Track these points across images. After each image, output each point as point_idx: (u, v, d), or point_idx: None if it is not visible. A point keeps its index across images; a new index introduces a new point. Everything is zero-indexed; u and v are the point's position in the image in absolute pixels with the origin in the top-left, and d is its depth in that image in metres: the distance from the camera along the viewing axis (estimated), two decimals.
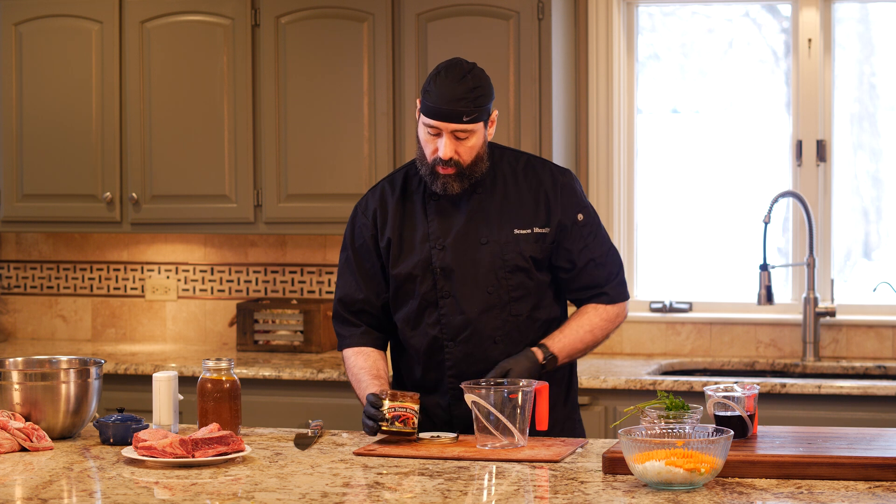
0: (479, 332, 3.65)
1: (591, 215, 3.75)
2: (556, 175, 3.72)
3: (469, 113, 3.54)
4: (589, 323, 3.71)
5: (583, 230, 3.70)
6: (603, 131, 5.40)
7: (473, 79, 3.57)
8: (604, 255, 3.73)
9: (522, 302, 3.67)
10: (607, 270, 3.73)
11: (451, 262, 3.65)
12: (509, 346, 3.66)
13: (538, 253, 3.66)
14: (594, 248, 3.71)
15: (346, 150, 5.26)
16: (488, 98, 3.59)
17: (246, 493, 2.93)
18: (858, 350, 5.26)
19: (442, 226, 3.67)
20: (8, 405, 3.48)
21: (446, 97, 3.54)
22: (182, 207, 5.44)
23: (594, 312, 3.72)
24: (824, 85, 5.32)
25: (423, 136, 3.60)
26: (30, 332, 6.04)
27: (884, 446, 3.08)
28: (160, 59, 5.43)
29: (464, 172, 3.60)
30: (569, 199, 3.70)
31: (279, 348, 5.48)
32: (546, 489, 2.94)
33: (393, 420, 3.35)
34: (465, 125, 3.55)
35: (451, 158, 3.58)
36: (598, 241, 3.73)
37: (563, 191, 3.70)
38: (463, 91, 3.55)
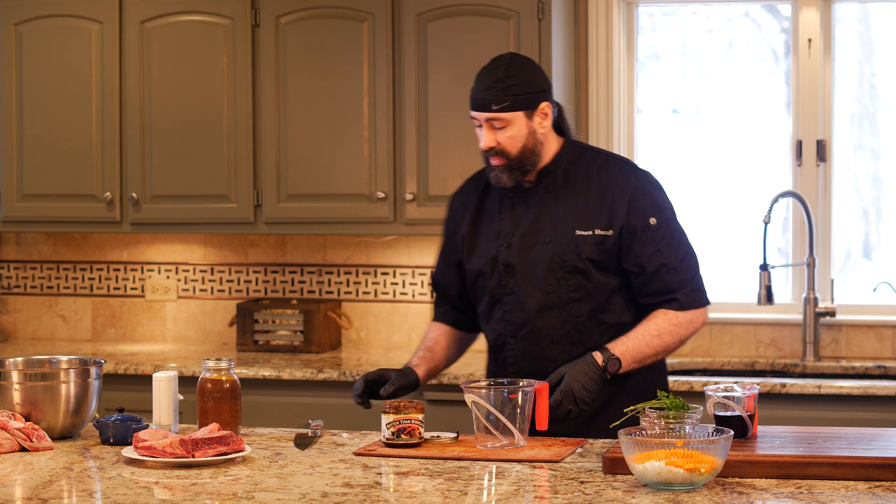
0: (538, 330, 3.67)
1: (668, 219, 3.68)
2: (630, 177, 3.70)
3: (498, 101, 3.58)
4: (657, 327, 3.64)
5: (655, 234, 3.65)
6: (603, 131, 5.40)
7: (507, 69, 3.62)
8: (678, 261, 3.66)
9: (582, 303, 3.65)
10: (681, 276, 3.66)
11: (515, 259, 3.69)
12: (568, 346, 3.66)
13: (597, 255, 3.64)
14: (667, 252, 3.65)
15: (346, 150, 5.26)
16: (524, 88, 3.60)
17: (246, 493, 2.93)
18: (858, 350, 5.26)
19: (511, 223, 3.72)
20: (8, 405, 3.47)
21: (479, 87, 3.64)
22: (182, 207, 5.44)
23: (663, 317, 3.65)
24: (824, 85, 5.32)
25: (476, 130, 3.68)
26: (30, 332, 6.04)
27: (884, 446, 3.08)
28: (160, 59, 5.43)
29: (512, 164, 3.63)
30: (640, 201, 3.66)
31: (279, 348, 5.48)
32: (546, 489, 2.94)
33: (398, 433, 3.34)
34: (495, 114, 3.58)
35: (493, 148, 3.62)
36: (671, 245, 3.66)
37: (635, 193, 3.67)
38: (493, 80, 3.61)
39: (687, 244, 3.71)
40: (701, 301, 3.70)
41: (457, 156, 5.14)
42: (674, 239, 3.68)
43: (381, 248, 5.64)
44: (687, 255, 3.69)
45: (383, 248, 5.64)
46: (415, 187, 5.20)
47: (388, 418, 3.34)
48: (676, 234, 3.69)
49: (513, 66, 3.63)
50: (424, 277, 5.59)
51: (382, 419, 3.35)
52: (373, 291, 5.65)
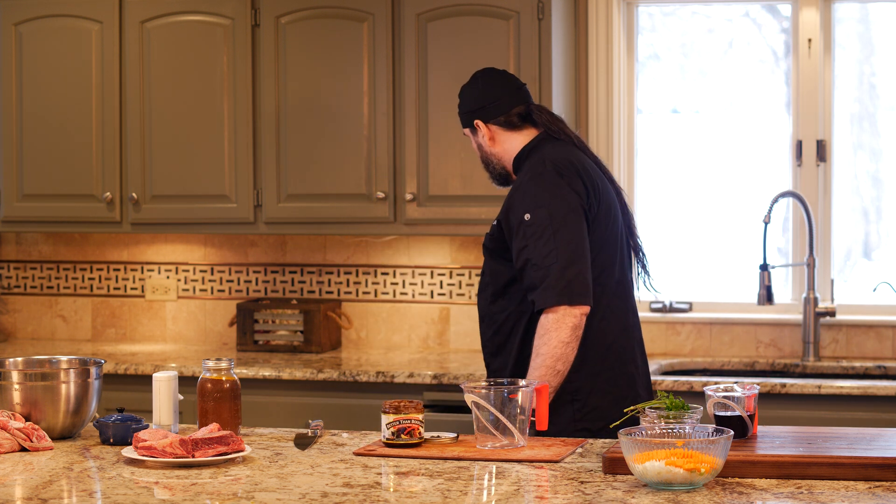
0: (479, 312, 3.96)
1: (543, 216, 3.66)
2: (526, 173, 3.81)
3: (461, 120, 3.96)
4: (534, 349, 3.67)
5: (527, 230, 3.68)
6: (603, 131, 5.40)
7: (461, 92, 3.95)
8: (542, 257, 3.64)
9: (488, 288, 3.88)
10: (541, 273, 3.64)
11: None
12: (487, 328, 3.88)
13: (490, 243, 3.87)
14: (533, 248, 3.66)
15: (346, 150, 5.26)
16: (462, 108, 3.93)
17: (246, 493, 2.93)
18: (858, 350, 5.26)
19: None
20: (8, 405, 3.48)
21: None
22: (182, 207, 5.44)
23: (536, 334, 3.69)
24: (824, 85, 5.32)
25: None
26: (30, 332, 6.04)
27: (884, 446, 3.08)
28: (160, 59, 5.43)
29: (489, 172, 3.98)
30: (519, 198, 3.76)
31: (279, 348, 5.48)
32: (546, 489, 2.94)
33: (398, 433, 3.34)
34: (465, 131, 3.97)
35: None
36: (540, 242, 3.65)
37: (517, 190, 3.80)
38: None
39: (559, 242, 3.64)
40: (556, 299, 3.62)
41: (457, 156, 5.14)
42: (544, 236, 3.66)
43: (381, 248, 5.64)
44: (553, 252, 3.64)
45: (383, 248, 5.64)
46: (415, 187, 5.20)
47: (387, 418, 3.34)
48: (548, 232, 3.65)
49: (463, 90, 3.94)
50: (425, 277, 5.59)
51: (382, 419, 3.35)
52: (373, 291, 5.65)
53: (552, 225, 3.66)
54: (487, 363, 3.91)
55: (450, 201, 5.17)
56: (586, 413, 3.72)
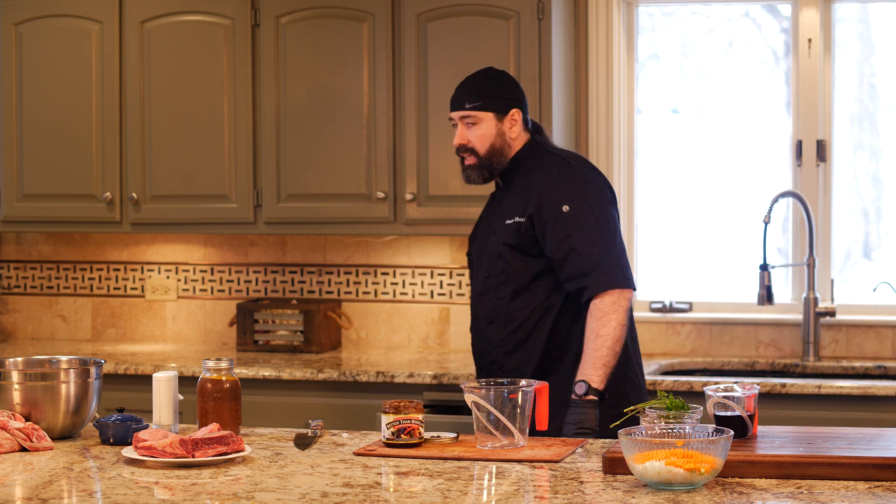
0: (479, 313, 3.99)
1: (582, 207, 3.82)
2: (552, 169, 3.89)
3: (471, 100, 3.91)
4: (592, 330, 3.79)
5: (566, 221, 3.82)
6: (603, 131, 5.40)
7: (484, 76, 3.96)
8: (588, 245, 3.79)
9: (507, 286, 3.91)
10: (590, 260, 3.79)
11: (475, 252, 4.05)
12: (499, 326, 3.92)
13: (512, 240, 3.89)
14: (577, 238, 3.80)
15: (346, 150, 5.26)
16: (498, 90, 3.91)
17: (246, 493, 2.93)
18: (858, 350, 5.26)
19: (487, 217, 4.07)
20: (8, 405, 3.47)
21: (457, 91, 4.00)
22: (182, 207, 5.44)
23: (588, 317, 3.81)
24: (824, 85, 5.32)
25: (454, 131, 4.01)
26: (30, 332, 6.04)
27: (884, 446, 3.08)
28: (160, 59, 5.43)
29: (482, 162, 3.95)
30: (552, 191, 3.85)
31: (279, 348, 5.48)
32: (546, 489, 2.94)
33: (398, 433, 3.34)
34: (468, 112, 3.92)
35: (463, 145, 3.95)
36: (583, 231, 3.80)
37: (548, 184, 3.86)
38: (468, 83, 3.96)
39: (603, 230, 3.82)
40: (613, 282, 3.78)
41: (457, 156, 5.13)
42: (586, 225, 3.81)
43: (381, 248, 5.64)
44: (599, 240, 3.81)
45: (383, 248, 5.64)
46: (415, 187, 5.20)
47: (387, 418, 3.34)
48: (591, 221, 3.82)
49: (489, 74, 3.98)
50: (425, 277, 5.59)
51: (382, 419, 3.35)
52: (373, 291, 5.65)
53: (594, 214, 3.83)
54: (500, 363, 3.92)
55: (450, 201, 5.16)
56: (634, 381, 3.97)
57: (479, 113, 3.92)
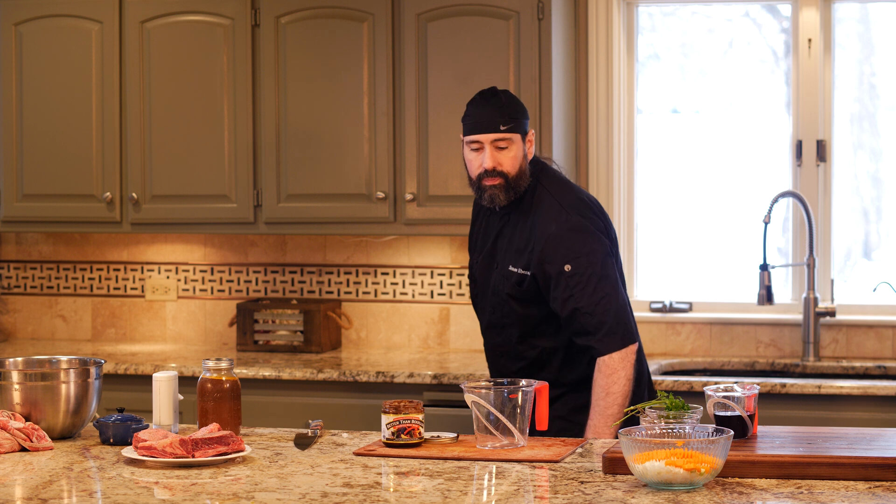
0: (488, 342, 4.07)
1: (584, 265, 3.84)
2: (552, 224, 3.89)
3: (504, 122, 3.87)
4: (601, 388, 3.82)
5: (570, 280, 3.84)
6: (603, 131, 5.40)
7: (505, 96, 3.93)
8: (592, 305, 3.82)
9: (512, 329, 3.97)
10: (596, 319, 3.82)
11: (477, 276, 4.06)
12: (509, 361, 3.99)
13: (515, 291, 3.92)
14: (580, 297, 3.82)
15: (347, 151, 5.26)
16: (522, 113, 3.92)
17: (246, 493, 2.93)
18: (858, 350, 5.26)
19: (482, 241, 4.06)
20: (8, 405, 3.47)
21: (483, 112, 3.90)
22: (182, 207, 5.44)
23: (598, 373, 3.84)
24: (824, 85, 5.32)
25: (468, 156, 3.94)
26: (30, 332, 6.04)
27: (884, 446, 3.08)
28: (160, 59, 5.43)
29: (510, 184, 3.90)
30: (554, 249, 3.86)
31: (279, 348, 5.48)
32: (546, 489, 2.94)
33: (398, 433, 3.34)
34: (502, 134, 3.87)
35: (495, 168, 3.88)
36: (587, 290, 3.82)
37: (549, 241, 3.87)
38: (496, 105, 3.90)
39: (607, 288, 3.85)
40: (616, 344, 3.83)
41: (457, 156, 5.13)
42: (589, 284, 3.83)
43: (381, 248, 5.64)
44: (605, 298, 3.83)
45: (383, 248, 5.64)
46: (415, 187, 5.20)
47: (387, 418, 3.34)
48: (593, 280, 3.83)
49: (508, 95, 3.94)
50: (425, 277, 5.59)
51: (382, 419, 3.35)
52: (373, 291, 5.65)
53: (595, 273, 3.84)
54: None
55: (450, 201, 5.16)
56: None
57: (512, 135, 3.88)
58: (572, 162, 5.38)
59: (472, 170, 3.92)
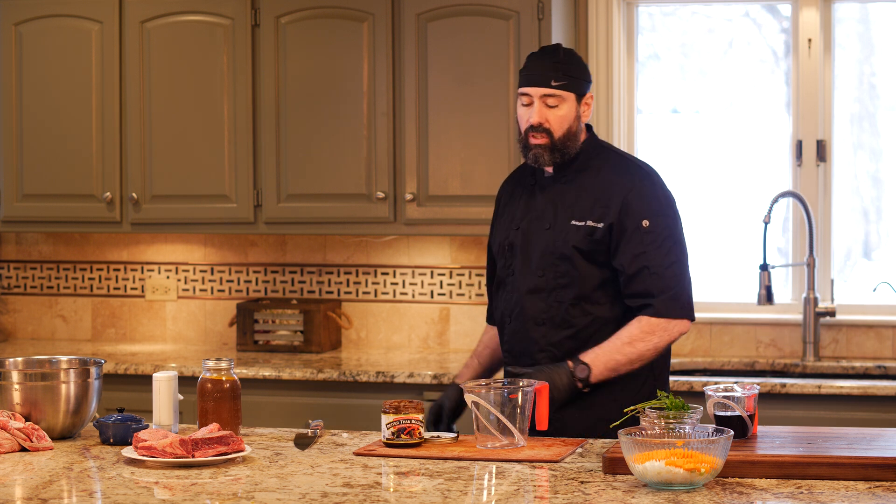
0: (526, 311, 3.76)
1: (662, 225, 3.70)
2: (634, 178, 3.76)
3: (557, 78, 3.69)
4: (629, 335, 3.66)
5: (645, 237, 3.69)
6: (603, 131, 5.40)
7: (565, 53, 3.75)
8: (662, 266, 3.67)
9: (567, 290, 3.73)
10: (662, 282, 3.67)
11: (519, 241, 3.81)
12: (550, 329, 3.73)
13: (584, 244, 3.71)
14: (653, 256, 3.67)
15: (346, 150, 5.26)
16: (580, 72, 3.73)
17: (246, 493, 2.93)
18: (858, 350, 5.26)
19: (525, 209, 3.83)
20: (8, 405, 3.47)
21: (537, 65, 3.73)
22: (182, 207, 5.44)
23: (636, 324, 3.67)
24: (824, 85, 5.32)
25: (519, 111, 3.76)
26: (30, 332, 6.04)
27: (884, 446, 3.08)
28: (160, 59, 5.43)
29: (555, 145, 3.72)
30: (636, 202, 3.71)
31: (279, 348, 5.48)
32: (546, 489, 2.94)
33: (399, 433, 3.34)
34: (553, 90, 3.69)
35: (541, 124, 3.70)
36: (660, 250, 3.68)
37: (632, 193, 3.72)
38: (552, 59, 3.72)
39: (679, 254, 3.72)
40: (678, 311, 3.68)
41: (457, 156, 5.14)
42: (664, 245, 3.69)
43: (381, 248, 5.64)
44: (675, 264, 3.70)
45: (383, 248, 5.64)
46: (415, 187, 5.20)
47: (387, 418, 3.34)
48: (668, 242, 3.70)
49: (569, 53, 3.76)
50: (425, 277, 5.59)
51: (382, 419, 3.35)
52: (373, 291, 5.65)
53: (672, 236, 3.72)
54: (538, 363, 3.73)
55: (450, 201, 5.16)
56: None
57: (564, 92, 3.68)
58: None
59: (522, 125, 3.73)
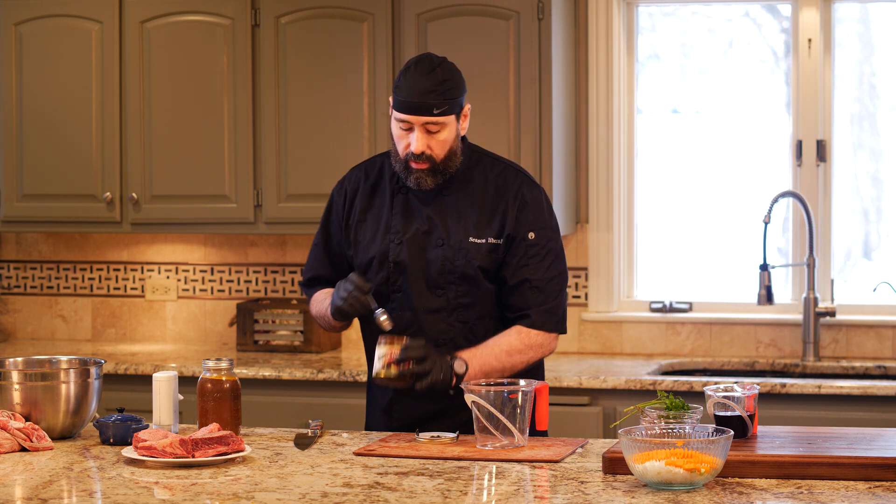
0: (424, 331, 3.64)
1: (546, 238, 3.64)
2: (524, 188, 3.66)
3: (439, 105, 3.54)
4: (507, 344, 3.61)
5: (529, 249, 3.63)
6: (603, 131, 5.40)
7: (443, 72, 3.58)
8: (543, 281, 3.62)
9: (470, 310, 3.65)
10: (541, 296, 3.62)
11: (406, 258, 3.65)
12: (453, 349, 3.61)
13: (489, 263, 3.63)
14: (534, 269, 3.63)
15: (346, 151, 5.26)
16: (459, 91, 3.59)
17: (246, 493, 2.93)
18: (858, 350, 5.26)
19: (404, 221, 3.68)
20: (8, 405, 3.48)
21: (416, 90, 3.54)
22: (182, 207, 5.44)
23: (516, 335, 3.62)
24: (824, 85, 5.32)
25: (396, 131, 3.61)
26: (30, 332, 6.04)
27: (884, 446, 3.08)
28: (160, 59, 5.43)
29: (437, 167, 3.60)
30: (526, 214, 3.64)
31: (279, 348, 5.48)
32: (546, 489, 2.94)
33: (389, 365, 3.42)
34: (435, 118, 3.54)
35: (423, 153, 3.57)
36: (542, 264, 3.63)
37: (524, 205, 3.64)
38: (432, 84, 3.55)
39: (559, 269, 3.66)
40: (554, 325, 3.64)
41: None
42: (546, 259, 3.63)
43: None
44: (556, 279, 3.64)
45: None
46: None
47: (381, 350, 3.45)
48: (550, 256, 3.64)
49: (446, 69, 3.60)
50: None
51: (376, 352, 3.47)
52: None
53: (553, 251, 3.66)
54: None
55: None
56: None
57: (444, 118, 3.55)
58: (572, 162, 5.38)
59: (400, 148, 3.60)
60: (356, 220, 3.75)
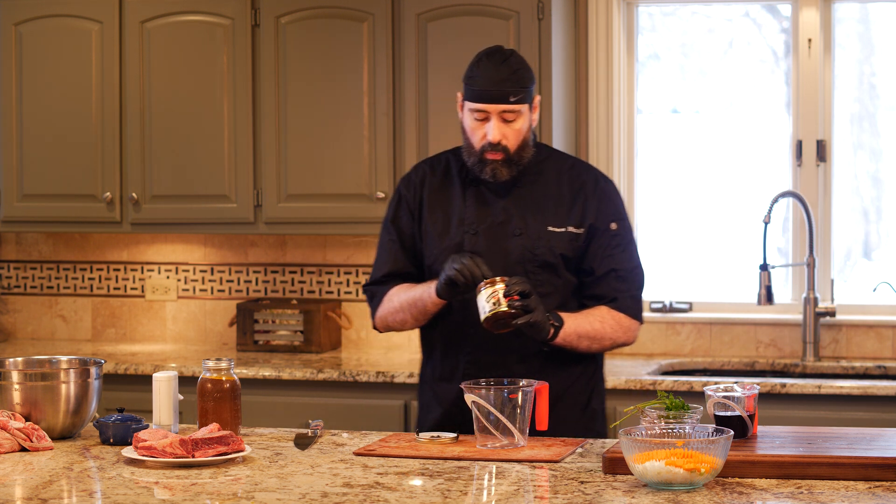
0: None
1: (626, 229, 3.73)
2: (600, 180, 3.75)
3: (515, 93, 3.59)
4: (601, 316, 3.68)
5: (612, 240, 3.70)
6: (603, 131, 5.40)
7: (516, 61, 3.63)
8: (627, 271, 3.71)
9: (548, 299, 3.65)
10: (626, 285, 3.71)
11: (483, 248, 3.68)
12: (528, 339, 3.62)
13: (570, 251, 3.68)
14: (620, 259, 3.70)
15: (346, 150, 5.26)
16: (531, 80, 3.65)
17: (246, 493, 2.93)
18: (858, 350, 5.26)
19: (479, 213, 3.71)
20: (8, 405, 3.48)
21: (492, 79, 3.59)
22: (182, 207, 5.44)
23: (608, 311, 3.70)
24: (824, 85, 5.32)
25: (470, 123, 3.66)
26: (30, 332, 6.04)
27: (884, 446, 3.08)
28: (160, 59, 5.43)
29: (511, 158, 3.64)
30: (607, 205, 3.72)
31: (279, 348, 5.48)
32: (546, 489, 2.94)
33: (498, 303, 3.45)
34: (511, 105, 3.59)
35: (500, 142, 3.61)
36: (625, 254, 3.71)
37: (603, 196, 3.72)
38: (507, 73, 3.60)
39: (638, 259, 3.76)
40: (636, 311, 3.73)
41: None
42: (628, 250, 3.73)
43: None
44: (636, 269, 3.74)
45: None
46: None
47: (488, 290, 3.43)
48: (631, 246, 3.74)
49: (518, 59, 3.65)
50: None
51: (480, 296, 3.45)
52: None
53: (632, 240, 3.76)
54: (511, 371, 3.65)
55: None
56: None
57: (520, 106, 3.61)
58: None
59: (475, 140, 3.65)
60: (427, 212, 3.77)
